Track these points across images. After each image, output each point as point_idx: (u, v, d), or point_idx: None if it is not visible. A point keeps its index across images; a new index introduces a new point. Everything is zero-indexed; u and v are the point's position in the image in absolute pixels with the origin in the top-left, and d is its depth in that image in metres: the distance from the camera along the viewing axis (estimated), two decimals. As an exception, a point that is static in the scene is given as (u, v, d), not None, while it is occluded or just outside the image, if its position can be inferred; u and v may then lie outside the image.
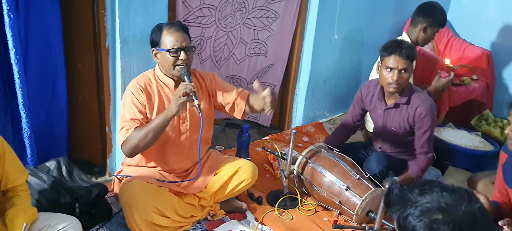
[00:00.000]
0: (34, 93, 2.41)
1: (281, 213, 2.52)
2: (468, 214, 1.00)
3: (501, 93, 4.15)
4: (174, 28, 2.17)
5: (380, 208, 2.25)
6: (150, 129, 2.09)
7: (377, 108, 2.68)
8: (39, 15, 2.28)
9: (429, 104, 2.53)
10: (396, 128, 2.63)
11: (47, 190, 2.12)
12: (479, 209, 1.02)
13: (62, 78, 2.51)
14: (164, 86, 2.27)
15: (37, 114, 2.46)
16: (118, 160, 2.70)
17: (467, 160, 3.30)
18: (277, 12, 3.19)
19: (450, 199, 1.02)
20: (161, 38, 2.16)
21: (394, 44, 2.49)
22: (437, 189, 1.06)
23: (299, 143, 3.36)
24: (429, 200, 1.03)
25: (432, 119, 2.53)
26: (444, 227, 0.98)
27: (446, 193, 1.04)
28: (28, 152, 2.35)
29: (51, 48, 2.39)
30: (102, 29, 2.38)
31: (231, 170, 2.42)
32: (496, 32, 4.12)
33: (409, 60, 2.46)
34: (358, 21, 3.67)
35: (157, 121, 2.10)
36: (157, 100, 2.24)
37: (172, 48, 2.14)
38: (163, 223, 2.16)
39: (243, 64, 3.27)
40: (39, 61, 2.37)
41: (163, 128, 2.12)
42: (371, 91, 2.72)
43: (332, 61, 3.66)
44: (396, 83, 2.47)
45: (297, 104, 3.64)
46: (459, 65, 4.12)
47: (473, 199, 1.04)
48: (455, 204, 1.01)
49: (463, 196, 1.03)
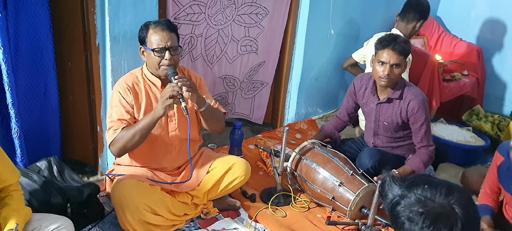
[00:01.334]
0: (25, 93, 2.39)
1: (274, 210, 2.51)
2: (442, 205, 1.08)
3: (491, 88, 4.19)
4: (160, 27, 2.15)
5: (373, 203, 2.25)
6: (137, 130, 2.10)
7: (370, 103, 2.69)
8: (29, 14, 2.25)
9: (421, 98, 2.54)
10: (388, 122, 2.64)
11: (38, 191, 2.09)
12: (457, 201, 1.08)
13: (53, 78, 2.49)
14: (151, 85, 2.25)
15: (29, 114, 2.43)
16: (109, 159, 2.68)
17: (458, 155, 3.33)
18: (266, 8, 3.18)
19: (429, 192, 1.10)
20: (147, 36, 2.15)
21: (389, 38, 2.48)
22: (423, 182, 1.13)
23: (292, 140, 3.36)
24: (414, 193, 1.12)
25: (425, 112, 2.54)
26: (417, 217, 1.08)
27: (427, 186, 1.12)
28: (18, 152, 2.32)
29: (42, 48, 2.36)
30: (92, 27, 2.36)
31: (224, 167, 2.41)
32: (485, 27, 4.16)
33: (403, 55, 2.46)
34: (349, 18, 3.68)
35: (144, 121, 2.10)
36: (144, 99, 2.23)
37: (156, 48, 2.13)
38: (156, 221, 2.15)
39: (236, 63, 3.26)
40: (30, 61, 2.35)
41: (150, 128, 2.12)
42: (364, 85, 2.72)
43: (324, 58, 3.66)
44: (387, 78, 2.48)
45: (289, 101, 3.64)
46: (450, 60, 4.15)
47: (453, 192, 1.10)
48: (431, 197, 1.09)
49: (441, 190, 1.10)
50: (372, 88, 2.65)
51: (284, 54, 3.46)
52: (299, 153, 2.64)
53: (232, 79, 3.31)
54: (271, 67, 3.45)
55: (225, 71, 3.25)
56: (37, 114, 2.48)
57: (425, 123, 2.55)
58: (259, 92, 3.52)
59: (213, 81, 3.21)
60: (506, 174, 2.09)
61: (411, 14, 3.19)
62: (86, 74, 2.51)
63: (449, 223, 1.06)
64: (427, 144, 2.59)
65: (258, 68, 3.41)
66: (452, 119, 3.89)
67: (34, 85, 2.41)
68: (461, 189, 1.13)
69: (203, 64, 3.09)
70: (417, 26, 3.21)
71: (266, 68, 3.44)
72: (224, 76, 3.26)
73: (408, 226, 1.09)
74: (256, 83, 3.48)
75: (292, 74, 3.54)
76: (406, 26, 3.22)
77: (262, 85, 3.50)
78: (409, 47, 2.51)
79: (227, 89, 3.34)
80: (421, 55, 3.66)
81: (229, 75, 3.28)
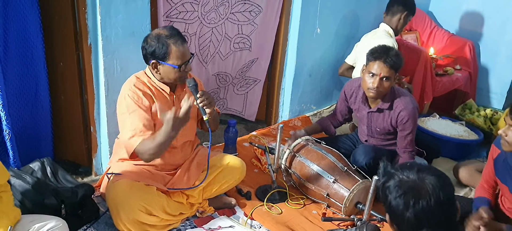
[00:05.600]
0: (15, 94, 2.36)
1: (270, 207, 2.51)
2: (414, 181, 1.35)
3: (483, 83, 4.22)
4: (180, 41, 2.09)
5: (368, 199, 2.26)
6: (158, 141, 2.01)
7: (361, 110, 2.70)
8: (18, 15, 2.23)
9: (412, 107, 2.53)
10: (380, 129, 2.66)
11: (31, 192, 2.07)
12: (429, 179, 1.34)
13: (44, 78, 2.46)
14: (161, 91, 2.22)
15: (20, 115, 2.41)
16: (104, 159, 2.66)
17: (452, 149, 3.35)
18: (260, 6, 3.18)
19: (407, 171, 1.38)
20: (169, 53, 2.07)
21: (381, 50, 2.47)
22: (409, 168, 1.39)
23: (286, 137, 3.34)
24: (399, 173, 1.39)
25: (414, 122, 2.55)
26: (394, 189, 1.37)
27: (409, 167, 1.39)
28: (10, 154, 2.30)
29: (32, 48, 2.34)
30: (84, 27, 2.34)
31: (219, 166, 2.40)
32: (477, 22, 4.18)
33: (394, 69, 2.45)
34: (341, 14, 3.68)
35: (160, 134, 2.01)
36: (156, 102, 2.19)
37: (182, 64, 2.10)
38: (150, 221, 2.14)
39: (228, 60, 3.25)
40: (20, 62, 2.32)
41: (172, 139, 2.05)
42: (355, 93, 2.73)
43: (317, 55, 3.66)
44: (375, 90, 2.48)
45: (283, 98, 3.64)
46: (443, 55, 4.18)
47: (425, 171, 1.36)
48: (408, 174, 1.37)
49: (416, 169, 1.38)
50: (362, 97, 2.65)
51: (278, 51, 3.45)
52: (293, 150, 2.64)
53: (224, 75, 3.31)
54: (264, 64, 3.45)
55: (218, 69, 3.24)
56: (29, 116, 2.45)
57: (412, 132, 2.57)
58: (252, 88, 3.52)
59: (207, 79, 3.20)
60: (502, 166, 2.11)
61: (394, 6, 3.26)
62: (78, 75, 2.49)
63: (416, 195, 1.32)
64: (411, 148, 2.62)
65: (250, 65, 3.40)
66: (445, 113, 3.91)
67: (24, 86, 2.39)
68: (435, 171, 1.38)
69: (198, 63, 3.08)
70: (402, 18, 3.24)
71: (259, 65, 3.43)
72: (217, 73, 3.25)
73: (389, 198, 1.38)
74: (249, 79, 3.47)
75: (286, 71, 3.54)
76: (391, 19, 3.28)
77: (254, 82, 3.50)
78: (401, 62, 2.49)
79: (219, 85, 3.34)
80: (414, 50, 3.68)
81: (221, 71, 3.27)
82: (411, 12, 3.29)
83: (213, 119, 2.27)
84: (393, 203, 1.36)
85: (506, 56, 4.03)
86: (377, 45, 2.55)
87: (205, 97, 2.14)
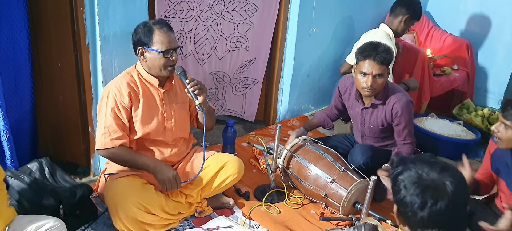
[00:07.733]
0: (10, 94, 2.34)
1: (268, 207, 2.52)
2: (433, 180, 1.29)
3: (481, 82, 4.23)
4: (165, 28, 2.15)
5: (366, 198, 2.26)
6: (133, 162, 2.20)
7: (355, 107, 2.70)
8: (5, 12, 2.20)
9: (405, 101, 2.52)
10: (373, 125, 2.66)
11: (29, 192, 2.07)
12: (449, 180, 1.27)
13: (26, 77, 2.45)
14: (148, 85, 2.24)
15: (17, 115, 2.40)
16: (102, 159, 2.66)
17: (450, 148, 3.36)
18: (256, 5, 3.18)
19: (427, 168, 1.32)
20: (153, 38, 2.13)
21: (369, 48, 2.45)
22: (426, 160, 1.35)
23: (284, 137, 3.36)
24: (415, 167, 1.33)
25: (409, 115, 2.53)
26: (411, 185, 1.31)
27: (427, 163, 1.34)
28: (7, 155, 2.28)
29: (14, 43, 2.31)
30: (81, 27, 2.34)
31: (217, 166, 2.41)
32: (475, 22, 4.19)
33: (385, 65, 2.44)
34: (339, 14, 3.68)
35: (142, 161, 2.19)
36: (142, 100, 2.21)
37: (166, 50, 2.13)
38: (149, 220, 2.14)
39: (225, 59, 3.25)
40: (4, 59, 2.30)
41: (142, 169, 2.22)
42: (348, 89, 2.73)
43: (316, 55, 3.67)
44: (370, 88, 2.47)
45: (281, 98, 3.64)
46: (440, 55, 4.19)
47: (447, 170, 1.30)
48: (427, 171, 1.31)
49: (437, 167, 1.32)
50: (356, 95, 2.65)
51: (275, 51, 3.45)
52: (291, 150, 2.64)
53: (222, 75, 3.30)
54: (262, 64, 3.45)
55: (215, 68, 3.24)
56: (27, 115, 2.44)
57: (408, 125, 2.55)
58: (251, 89, 3.52)
59: (204, 78, 3.20)
60: (499, 162, 2.15)
61: (397, 8, 3.22)
62: (76, 75, 2.49)
63: (435, 196, 1.26)
64: (410, 140, 2.60)
65: (248, 65, 3.40)
66: (442, 113, 3.93)
67: (19, 85, 2.37)
68: (456, 172, 1.31)
69: (194, 62, 3.08)
70: (403, 20, 3.19)
71: (257, 65, 3.43)
72: (213, 73, 3.25)
73: (403, 192, 1.31)
74: (247, 80, 3.47)
75: (284, 71, 3.54)
76: (393, 20, 3.23)
77: (253, 82, 3.50)
78: (391, 56, 2.48)
79: (217, 85, 3.33)
80: (411, 50, 3.69)
81: (218, 71, 3.27)
82: (414, 16, 3.22)
83: (208, 111, 2.28)
84: (408, 199, 1.30)
85: (503, 56, 4.05)
86: (364, 43, 2.53)
87: (195, 82, 2.18)
